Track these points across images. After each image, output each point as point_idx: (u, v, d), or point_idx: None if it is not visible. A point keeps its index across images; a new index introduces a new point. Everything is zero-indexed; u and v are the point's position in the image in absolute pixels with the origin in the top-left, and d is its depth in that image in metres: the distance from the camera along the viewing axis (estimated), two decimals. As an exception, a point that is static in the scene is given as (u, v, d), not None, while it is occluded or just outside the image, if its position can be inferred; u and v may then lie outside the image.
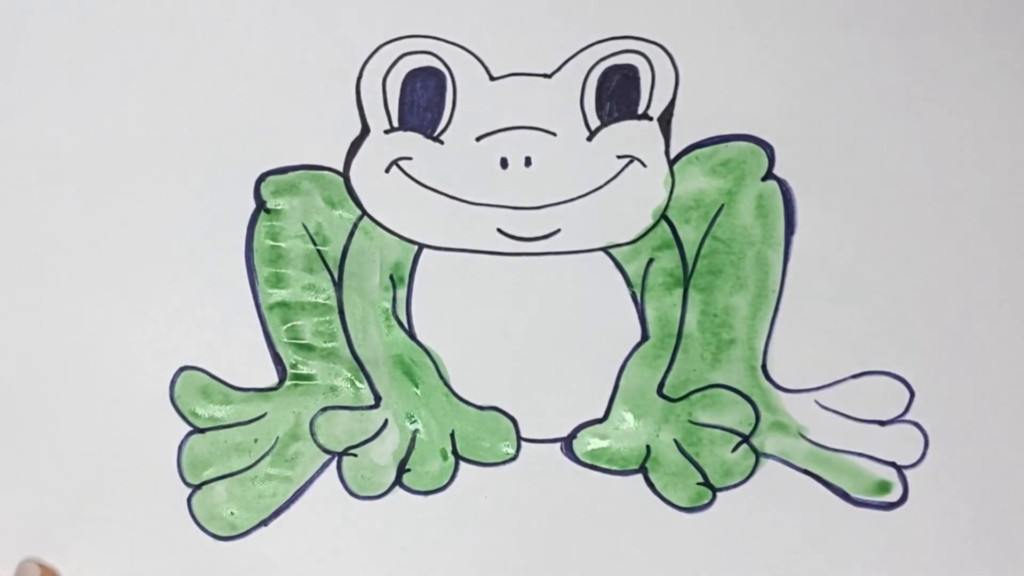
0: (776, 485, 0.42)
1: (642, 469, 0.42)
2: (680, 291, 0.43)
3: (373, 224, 0.42)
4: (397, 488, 0.42)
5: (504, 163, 0.42)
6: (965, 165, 0.43)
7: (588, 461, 0.42)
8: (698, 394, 0.42)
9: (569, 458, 0.42)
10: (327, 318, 0.42)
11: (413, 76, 0.42)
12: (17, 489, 0.42)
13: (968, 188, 0.42)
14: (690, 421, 0.42)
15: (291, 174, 0.42)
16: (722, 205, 0.42)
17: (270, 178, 0.42)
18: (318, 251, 0.42)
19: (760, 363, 0.42)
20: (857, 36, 0.42)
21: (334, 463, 0.42)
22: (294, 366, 0.42)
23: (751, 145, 0.42)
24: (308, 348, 0.42)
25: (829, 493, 0.42)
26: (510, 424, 0.42)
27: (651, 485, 0.42)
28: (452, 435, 0.42)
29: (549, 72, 0.43)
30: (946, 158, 0.43)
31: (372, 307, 0.42)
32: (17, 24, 0.42)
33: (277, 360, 0.42)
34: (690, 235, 0.42)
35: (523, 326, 0.42)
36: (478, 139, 0.42)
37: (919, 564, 0.41)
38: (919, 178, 0.42)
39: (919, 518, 0.42)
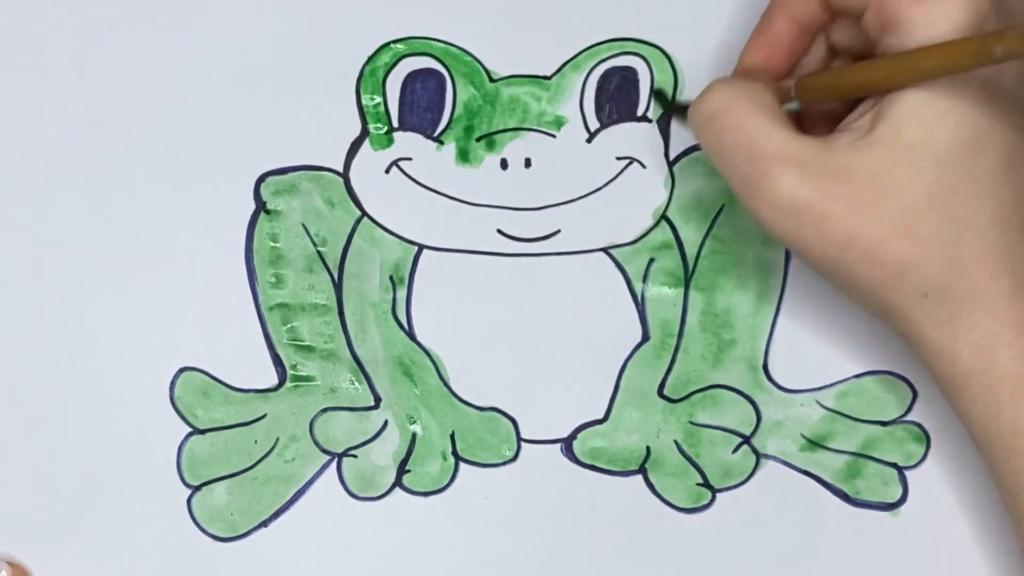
0: (776, 486, 0.42)
1: (642, 470, 0.42)
2: (681, 291, 0.42)
3: (373, 224, 0.42)
4: (397, 489, 0.42)
5: (504, 164, 0.42)
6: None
7: (588, 461, 0.42)
8: (699, 394, 0.42)
9: (569, 459, 0.42)
10: (327, 319, 0.42)
11: (413, 77, 0.42)
12: (16, 489, 0.42)
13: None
14: (691, 422, 0.42)
15: (291, 174, 0.42)
16: (723, 205, 0.42)
17: (270, 179, 0.42)
18: (318, 251, 0.42)
19: (761, 363, 0.42)
20: (857, 36, 0.42)
21: (334, 464, 0.42)
22: (294, 367, 0.42)
23: (751, 145, 0.42)
24: (308, 349, 0.42)
25: (829, 494, 0.42)
26: (510, 425, 0.42)
27: (651, 486, 0.42)
28: (452, 436, 0.42)
29: (549, 74, 0.43)
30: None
31: (372, 307, 0.42)
32: (17, 24, 0.42)
33: (277, 361, 0.42)
34: (691, 235, 0.42)
35: (523, 326, 0.42)
36: (478, 140, 0.42)
37: (919, 565, 0.41)
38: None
39: (920, 519, 0.42)
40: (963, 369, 0.33)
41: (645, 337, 0.43)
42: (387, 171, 0.42)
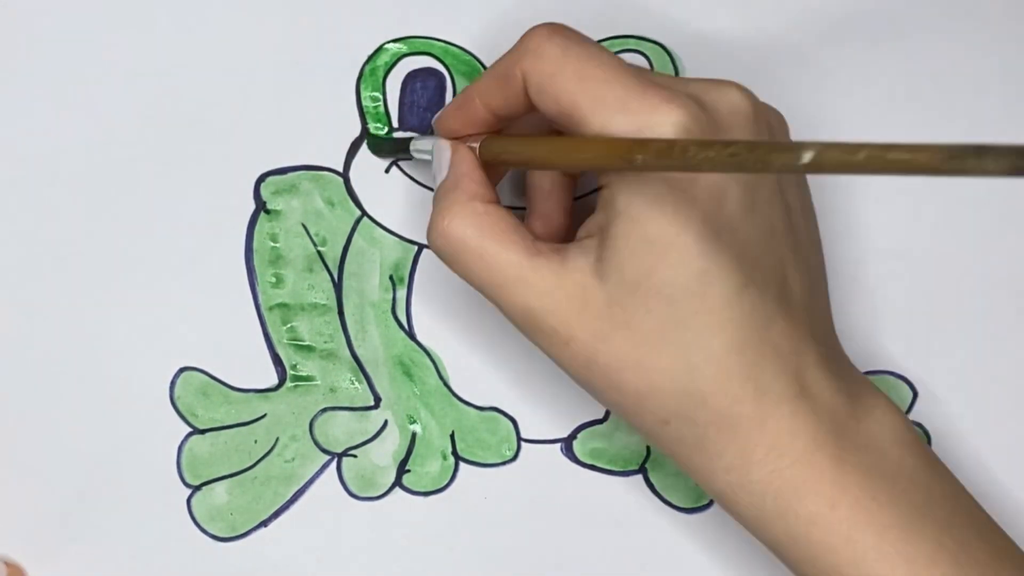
0: (777, 485, 0.42)
1: (642, 469, 0.42)
2: (680, 291, 0.42)
3: (373, 224, 0.42)
4: (397, 489, 0.42)
5: (504, 163, 0.42)
6: (966, 164, 0.42)
7: (588, 461, 0.42)
8: (699, 394, 0.42)
9: (569, 458, 0.42)
10: (327, 318, 0.42)
11: (413, 76, 0.42)
12: (16, 489, 0.42)
13: (969, 186, 0.42)
14: (691, 422, 0.42)
15: (291, 174, 0.42)
16: (723, 205, 0.42)
17: (270, 178, 0.42)
18: (318, 251, 0.42)
19: (761, 363, 0.42)
20: (857, 36, 0.42)
21: (334, 464, 0.42)
22: (294, 367, 0.42)
23: (751, 145, 0.42)
24: (308, 349, 0.42)
25: (830, 493, 0.42)
26: (510, 424, 0.42)
27: (651, 485, 0.42)
28: (452, 436, 0.42)
29: (549, 72, 0.43)
30: (947, 157, 0.42)
31: (372, 307, 0.42)
32: (17, 24, 0.42)
33: (277, 361, 0.42)
34: (690, 235, 0.42)
35: (523, 326, 0.42)
36: (478, 139, 0.42)
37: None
38: (920, 177, 0.42)
39: (921, 519, 0.42)
40: (724, 487, 0.33)
41: (645, 337, 0.42)
42: (387, 171, 0.42)
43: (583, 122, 0.32)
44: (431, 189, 0.42)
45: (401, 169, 0.42)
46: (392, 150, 0.42)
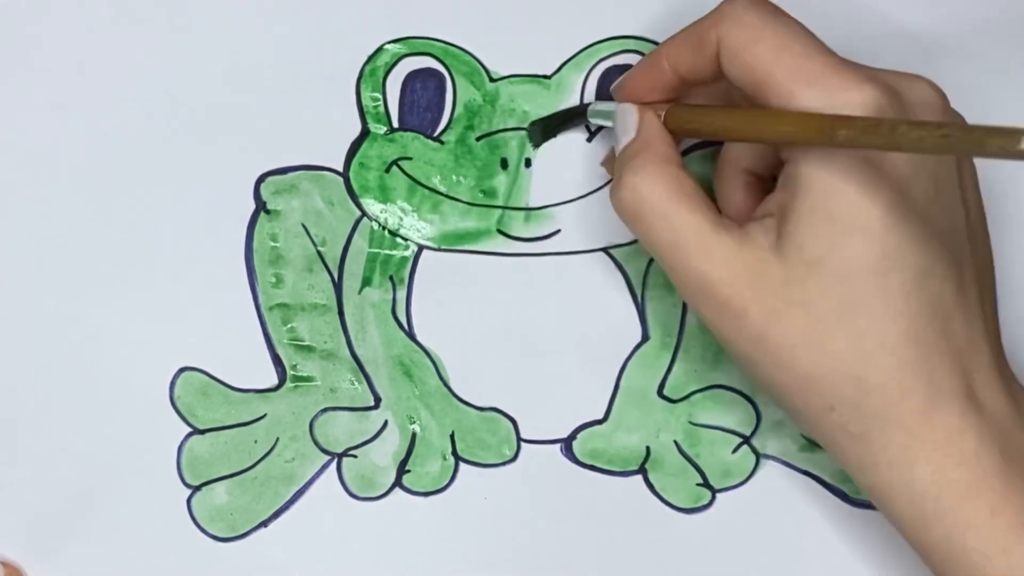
0: (776, 486, 0.42)
1: (642, 470, 0.42)
2: (680, 291, 0.42)
3: (373, 224, 0.42)
4: (397, 489, 0.42)
5: (504, 164, 0.42)
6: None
7: (588, 462, 0.42)
8: (699, 395, 0.42)
9: (569, 459, 0.42)
10: (327, 319, 0.42)
11: (413, 77, 0.42)
12: (16, 490, 0.42)
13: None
14: (690, 422, 0.42)
15: (291, 174, 0.42)
16: (723, 205, 0.42)
17: (270, 178, 0.42)
18: (318, 251, 0.42)
19: (761, 364, 0.42)
20: (856, 36, 0.42)
21: (334, 464, 0.42)
22: (294, 367, 0.42)
23: (751, 145, 0.42)
24: (308, 349, 0.42)
25: (829, 494, 0.42)
26: (510, 425, 0.42)
27: (651, 486, 0.42)
28: (452, 436, 0.42)
29: (549, 73, 0.43)
30: (947, 158, 0.42)
31: (372, 307, 0.42)
32: (17, 24, 0.42)
33: (277, 361, 0.42)
34: (691, 235, 0.42)
35: (523, 326, 0.42)
36: (478, 139, 0.42)
37: (919, 565, 0.41)
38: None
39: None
40: (882, 483, 0.32)
41: (645, 337, 0.43)
42: (387, 171, 0.42)
43: (775, 93, 0.32)
44: (431, 189, 0.42)
45: (401, 169, 0.42)
46: (559, 122, 0.42)
